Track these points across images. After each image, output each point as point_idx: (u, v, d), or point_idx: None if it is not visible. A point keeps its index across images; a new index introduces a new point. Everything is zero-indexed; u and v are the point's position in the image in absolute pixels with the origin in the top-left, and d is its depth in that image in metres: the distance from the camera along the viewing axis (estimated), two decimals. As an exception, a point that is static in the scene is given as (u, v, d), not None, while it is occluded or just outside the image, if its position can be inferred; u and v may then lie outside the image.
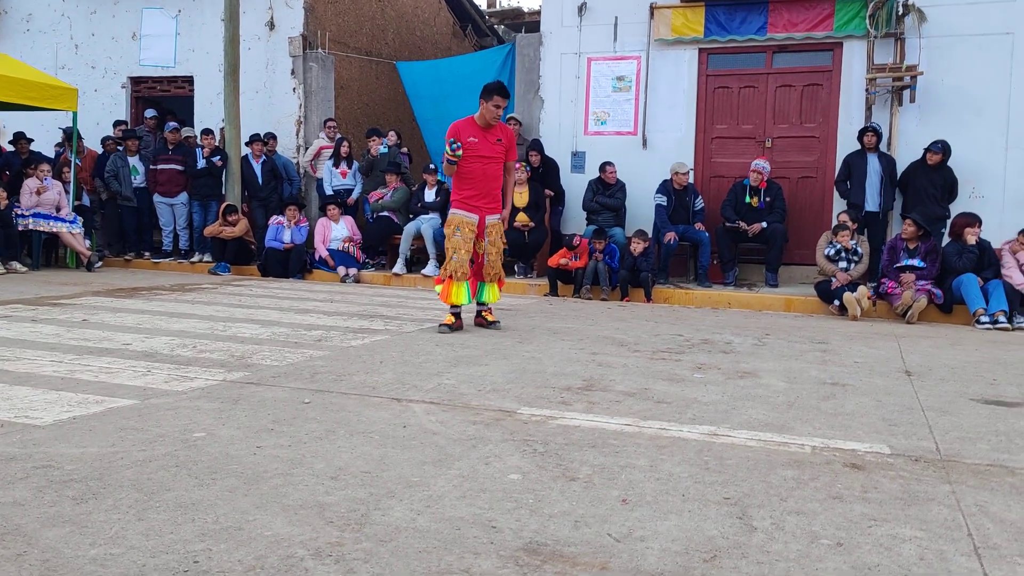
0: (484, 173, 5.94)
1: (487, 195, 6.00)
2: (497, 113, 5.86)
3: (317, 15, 11.95)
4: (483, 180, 5.95)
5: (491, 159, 5.96)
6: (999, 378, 4.77)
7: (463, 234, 5.89)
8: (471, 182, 5.94)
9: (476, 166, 5.92)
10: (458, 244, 5.88)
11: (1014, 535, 2.33)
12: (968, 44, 8.84)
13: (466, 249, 5.89)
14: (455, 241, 5.89)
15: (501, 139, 5.99)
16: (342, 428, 3.29)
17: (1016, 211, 8.64)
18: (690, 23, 9.80)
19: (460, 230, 5.90)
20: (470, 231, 5.92)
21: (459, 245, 5.88)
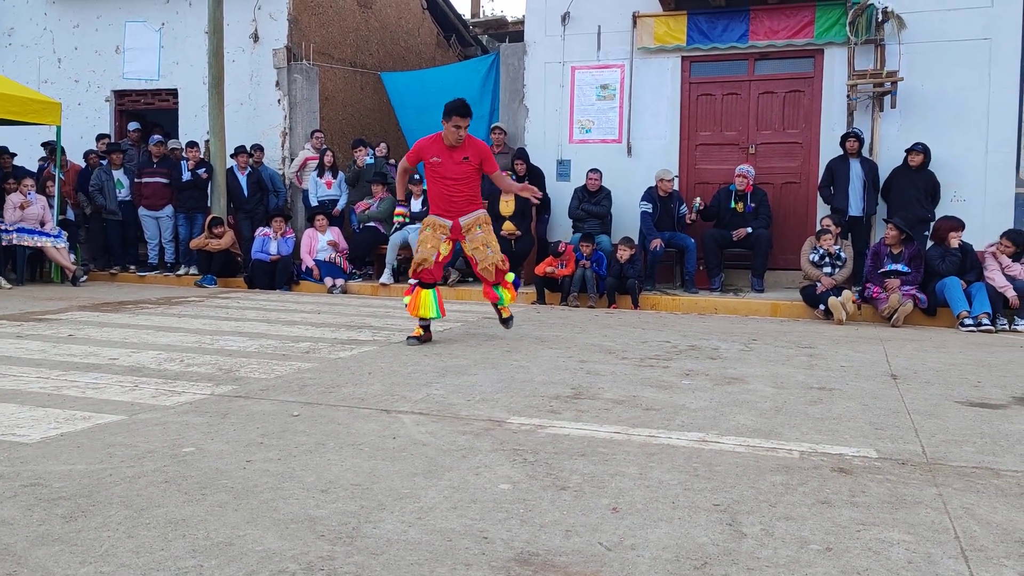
0: (449, 194, 5.81)
1: (456, 211, 5.87)
2: (459, 134, 5.66)
3: (301, 27, 11.95)
4: (448, 201, 5.83)
5: (456, 180, 5.79)
6: (983, 380, 4.82)
7: (432, 232, 5.84)
8: (436, 202, 5.89)
9: (440, 187, 5.82)
10: (426, 237, 5.82)
11: (1000, 537, 2.36)
12: (947, 50, 8.95)
13: (432, 244, 5.79)
14: (424, 235, 5.85)
15: (468, 157, 5.78)
16: (331, 441, 3.28)
17: (997, 213, 8.74)
18: (673, 31, 9.87)
19: (430, 228, 5.85)
20: (442, 231, 5.83)
21: (427, 238, 5.82)
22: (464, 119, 5.65)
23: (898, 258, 7.77)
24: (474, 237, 5.90)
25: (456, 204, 5.86)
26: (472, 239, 5.90)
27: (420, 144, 5.89)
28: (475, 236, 5.90)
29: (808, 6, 9.38)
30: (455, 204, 5.86)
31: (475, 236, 5.90)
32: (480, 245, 5.91)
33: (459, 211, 5.88)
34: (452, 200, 5.84)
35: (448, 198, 5.84)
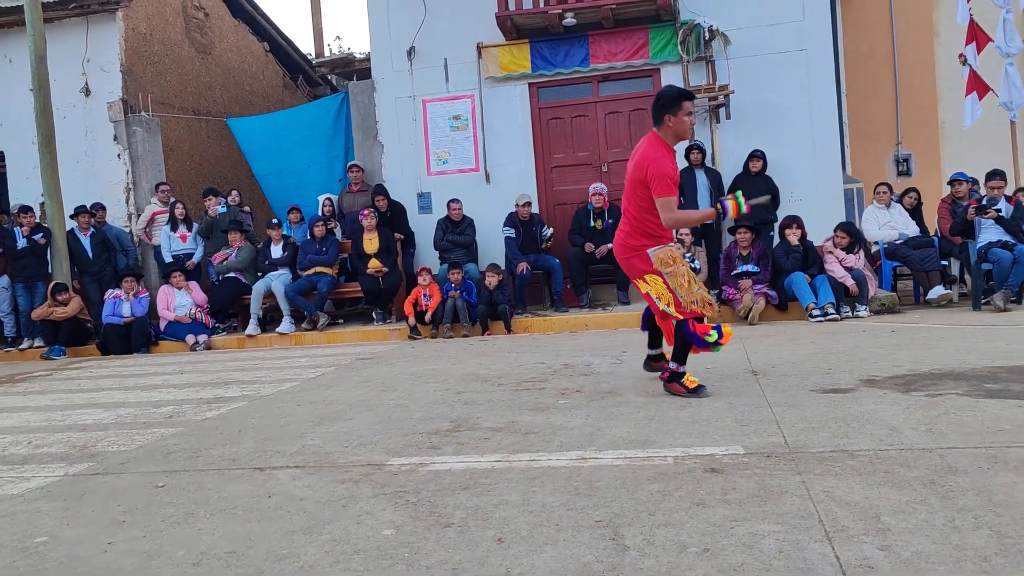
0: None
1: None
2: (692, 124, 4.61)
3: (136, 77, 11.46)
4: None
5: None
6: (833, 367, 5.14)
7: (681, 261, 4.60)
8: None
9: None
10: (691, 274, 4.60)
11: (859, 515, 2.51)
12: (770, 62, 9.60)
13: (693, 279, 4.61)
14: (683, 272, 4.52)
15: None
16: (201, 508, 3.12)
17: (831, 209, 9.40)
18: (517, 60, 10.12)
19: (678, 260, 4.57)
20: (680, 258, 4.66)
21: (692, 274, 4.61)
22: (694, 102, 4.69)
23: (747, 259, 8.21)
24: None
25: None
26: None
27: (672, 163, 4.46)
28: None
29: (641, 29, 9.86)
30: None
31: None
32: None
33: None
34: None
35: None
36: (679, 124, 4.46)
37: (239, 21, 14.22)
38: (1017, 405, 3.77)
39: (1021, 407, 3.73)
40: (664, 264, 4.48)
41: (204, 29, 13.22)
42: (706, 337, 4.45)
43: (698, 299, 4.47)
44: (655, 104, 4.52)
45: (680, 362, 4.57)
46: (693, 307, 4.45)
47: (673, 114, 4.44)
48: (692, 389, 4.51)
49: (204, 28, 13.22)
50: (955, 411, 3.74)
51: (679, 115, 4.43)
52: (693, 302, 4.46)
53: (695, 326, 4.46)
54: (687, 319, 4.46)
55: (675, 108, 4.44)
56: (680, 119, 4.44)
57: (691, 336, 4.48)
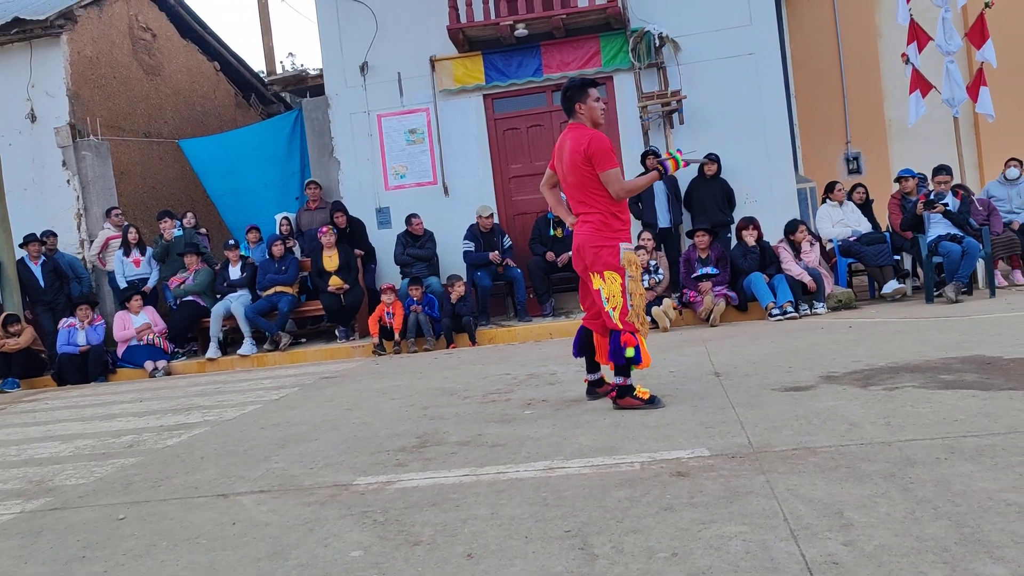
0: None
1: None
2: (603, 109, 4.57)
3: (83, 101, 11.26)
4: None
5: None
6: (794, 365, 5.22)
7: (637, 273, 4.50)
8: (627, 206, 4.63)
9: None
10: (643, 290, 4.56)
11: (822, 511, 2.54)
12: (720, 67, 9.75)
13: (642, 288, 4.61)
14: (640, 286, 4.50)
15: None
16: (164, 540, 3.05)
17: (785, 209, 9.56)
18: (471, 72, 10.15)
19: (635, 268, 4.48)
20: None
21: (643, 291, 4.59)
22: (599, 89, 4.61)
23: (706, 262, 8.31)
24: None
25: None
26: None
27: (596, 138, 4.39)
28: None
29: (592, 37, 9.95)
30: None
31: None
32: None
33: None
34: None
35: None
36: (591, 110, 4.48)
37: (188, 41, 14.07)
38: (971, 395, 3.86)
39: (975, 397, 3.81)
40: (629, 264, 4.42)
41: (152, 50, 13.05)
42: (625, 350, 4.34)
43: (640, 316, 4.44)
44: (564, 98, 4.53)
45: (625, 375, 4.43)
46: (635, 321, 4.41)
47: (583, 101, 4.47)
48: (647, 400, 4.41)
49: (152, 49, 13.05)
50: (912, 404, 3.81)
51: (588, 101, 4.46)
52: (637, 316, 4.42)
53: (624, 338, 4.36)
54: (623, 330, 4.38)
55: (583, 95, 4.47)
56: (590, 105, 4.47)
57: (614, 346, 4.39)
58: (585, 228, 4.50)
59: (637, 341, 4.36)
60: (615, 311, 4.38)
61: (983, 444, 3.06)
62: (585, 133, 4.41)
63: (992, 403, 3.66)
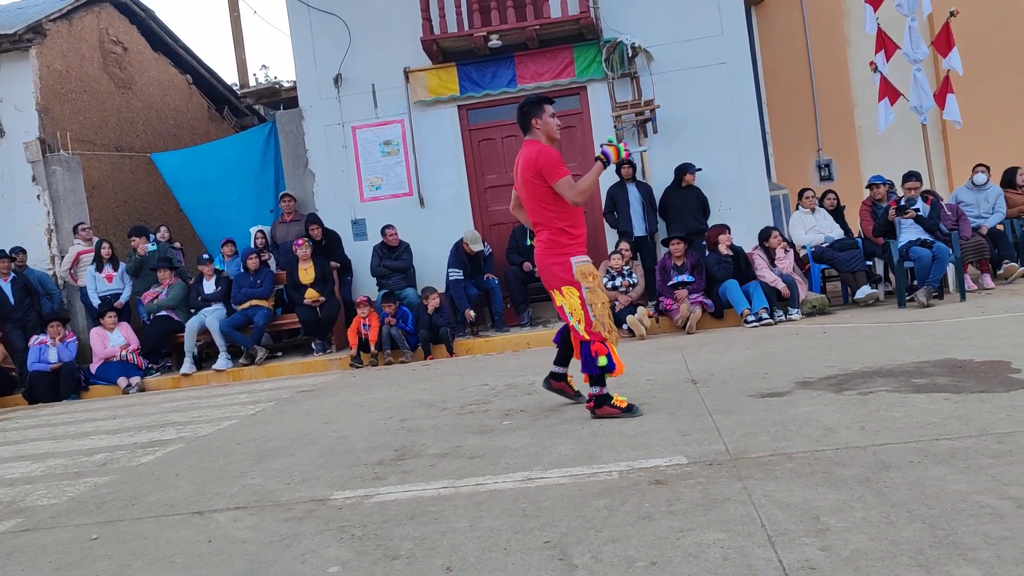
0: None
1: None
2: (558, 125, 4.69)
3: (53, 116, 11.13)
4: (583, 216, 4.69)
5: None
6: (769, 371, 5.25)
7: (598, 284, 4.55)
8: (580, 218, 4.63)
9: (581, 209, 4.64)
10: (605, 298, 4.56)
11: (799, 517, 2.56)
12: (692, 76, 9.83)
13: (605, 298, 4.61)
14: (601, 294, 4.52)
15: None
16: (138, 559, 3.01)
17: (759, 216, 9.63)
18: (445, 83, 10.15)
19: (594, 279, 4.52)
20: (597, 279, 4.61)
21: (606, 299, 4.58)
22: (554, 105, 4.70)
23: (682, 269, 8.36)
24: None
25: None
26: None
27: (546, 151, 4.49)
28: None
29: (566, 48, 10.00)
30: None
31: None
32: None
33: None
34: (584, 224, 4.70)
35: (584, 222, 4.68)
36: (546, 125, 4.58)
37: (159, 54, 13.96)
38: (943, 398, 3.91)
39: (947, 400, 3.86)
40: (584, 277, 4.45)
41: (123, 64, 12.93)
42: (597, 359, 4.38)
43: (606, 324, 4.46)
44: (520, 114, 4.65)
45: (600, 384, 4.46)
46: (601, 330, 4.43)
47: (539, 117, 4.58)
48: (625, 408, 4.43)
49: (123, 63, 12.93)
50: (886, 408, 3.85)
51: (544, 117, 4.58)
52: (603, 326, 4.44)
53: (594, 348, 4.40)
54: (592, 340, 4.41)
55: (539, 111, 4.59)
56: (546, 120, 4.58)
57: (585, 356, 4.43)
58: (538, 247, 4.61)
59: (608, 349, 4.39)
60: (580, 324, 4.44)
61: (955, 447, 3.10)
62: (534, 148, 4.51)
63: (964, 406, 3.71)
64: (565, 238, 4.49)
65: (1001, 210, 9.24)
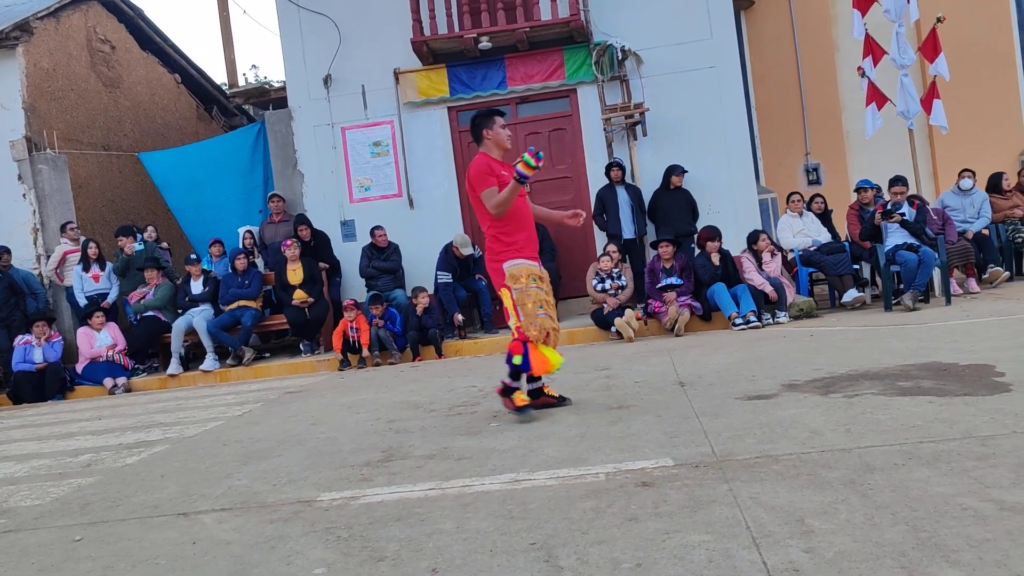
0: (527, 212, 4.80)
1: (534, 239, 4.83)
2: (509, 136, 4.84)
3: (39, 114, 11.06)
4: (529, 221, 4.80)
5: (524, 195, 4.82)
6: (757, 374, 5.27)
7: (541, 284, 4.69)
8: (521, 224, 4.73)
9: (519, 203, 4.71)
10: (540, 296, 4.65)
11: (783, 519, 2.57)
12: (682, 79, 9.87)
13: (550, 302, 4.74)
14: (535, 293, 4.62)
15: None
16: (122, 561, 2.99)
17: (747, 219, 9.68)
18: (435, 84, 10.15)
19: (536, 281, 4.67)
20: (541, 279, 4.73)
21: (542, 297, 4.67)
22: (505, 117, 4.88)
23: (671, 272, 8.38)
24: (550, 291, 4.88)
25: (533, 233, 4.84)
26: (549, 292, 4.86)
27: (484, 160, 4.67)
28: (550, 291, 4.89)
29: (556, 51, 10.02)
30: (533, 233, 4.83)
31: (550, 291, 4.89)
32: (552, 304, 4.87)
33: (535, 239, 4.86)
34: (532, 228, 4.82)
35: (529, 225, 4.78)
36: (496, 136, 4.77)
37: (148, 53, 13.90)
38: (928, 401, 3.93)
39: (932, 403, 3.89)
40: (513, 280, 4.65)
41: (111, 62, 12.87)
42: (512, 357, 4.64)
43: (537, 323, 4.60)
44: (472, 127, 4.84)
45: (514, 378, 4.74)
46: (531, 330, 4.60)
47: (489, 128, 4.77)
48: (519, 408, 4.64)
49: (111, 61, 12.87)
50: (871, 410, 3.87)
51: (494, 128, 4.77)
52: (532, 324, 4.60)
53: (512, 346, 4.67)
54: (517, 339, 4.66)
55: (489, 123, 4.78)
56: (496, 131, 4.77)
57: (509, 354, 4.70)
58: (484, 254, 4.90)
59: (524, 350, 4.62)
60: (512, 322, 4.73)
61: (939, 449, 3.12)
62: (472, 163, 4.71)
63: (948, 409, 3.74)
64: (498, 244, 4.72)
65: (987, 215, 9.32)
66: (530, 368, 4.65)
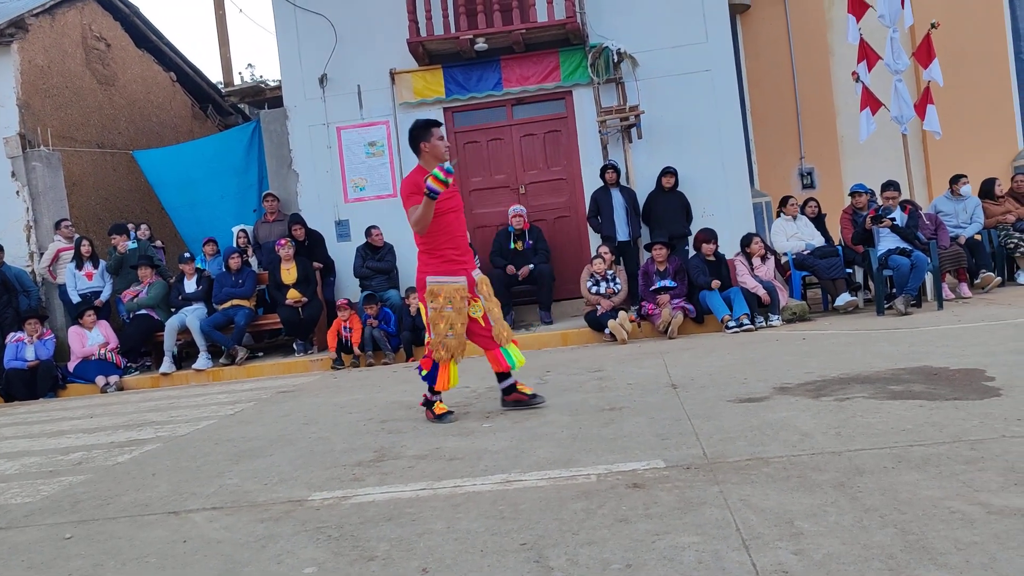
0: (458, 223, 4.94)
1: (465, 248, 4.98)
2: (446, 147, 4.94)
3: (34, 111, 11.03)
4: (459, 232, 4.94)
5: (458, 208, 4.96)
6: (749, 377, 5.29)
7: (456, 305, 4.82)
8: (449, 236, 4.86)
9: (449, 216, 4.84)
10: (452, 318, 4.82)
11: (773, 521, 2.58)
12: (677, 82, 9.89)
13: (462, 322, 4.88)
14: (448, 315, 4.81)
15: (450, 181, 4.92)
16: (112, 559, 2.99)
17: (742, 222, 9.70)
18: (431, 85, 10.16)
19: (452, 301, 4.81)
20: (462, 299, 4.85)
21: (454, 319, 4.83)
22: (442, 128, 5.04)
23: (664, 275, 8.39)
24: (489, 295, 5.04)
25: (464, 242, 4.99)
26: (488, 296, 5.02)
27: (411, 179, 4.78)
28: (489, 294, 5.04)
29: (552, 52, 10.03)
30: (464, 242, 4.98)
31: (489, 294, 5.04)
32: (495, 307, 5.06)
33: (469, 255, 5.02)
34: (462, 238, 4.96)
35: (458, 236, 4.92)
36: (434, 148, 4.86)
37: (143, 51, 13.88)
38: (918, 405, 3.95)
39: (922, 407, 3.91)
40: (432, 297, 4.85)
41: (106, 60, 12.84)
42: (420, 371, 4.99)
43: (445, 344, 4.84)
44: (409, 138, 4.95)
45: (430, 391, 5.00)
46: (439, 350, 4.85)
47: (427, 140, 4.87)
48: (438, 416, 4.93)
49: (106, 59, 12.84)
50: (862, 414, 3.89)
51: (432, 140, 4.86)
52: (440, 344, 4.84)
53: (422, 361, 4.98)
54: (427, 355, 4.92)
55: (427, 135, 4.87)
56: (433, 143, 4.86)
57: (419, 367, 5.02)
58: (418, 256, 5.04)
59: (430, 366, 4.90)
60: (426, 336, 4.95)
61: (929, 453, 3.14)
62: (403, 182, 4.86)
63: (938, 413, 3.75)
64: (425, 258, 4.89)
65: (979, 220, 9.36)
66: (436, 383, 4.91)
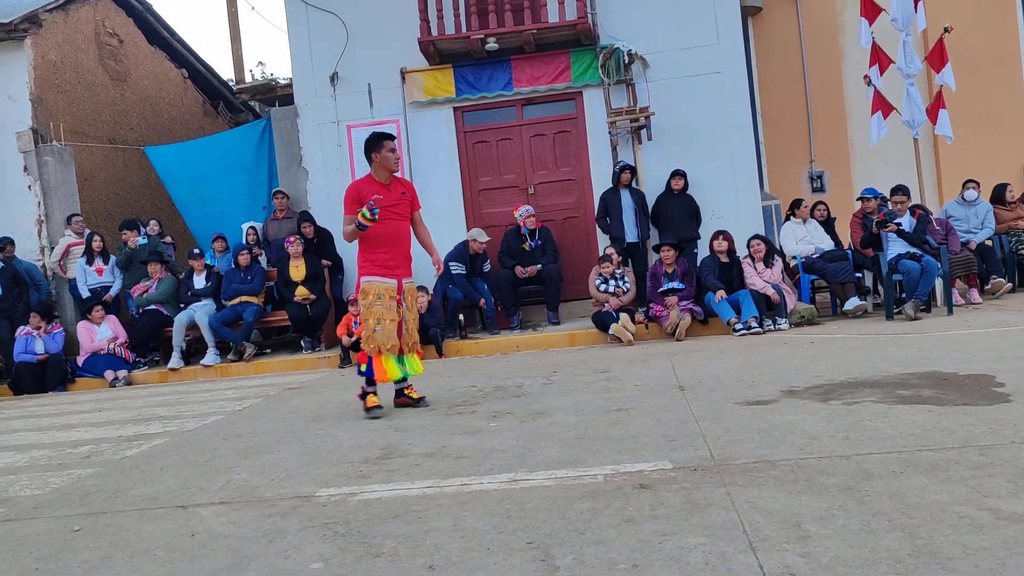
0: (397, 232, 5.31)
1: (401, 256, 5.35)
2: (396, 159, 5.28)
3: (46, 106, 11.09)
4: (396, 240, 5.31)
5: (401, 216, 5.33)
6: (756, 379, 5.28)
7: (385, 302, 5.23)
8: (384, 243, 5.26)
9: (388, 224, 5.22)
10: (381, 313, 5.22)
11: (780, 524, 2.58)
12: (688, 84, 9.88)
13: (391, 318, 5.24)
14: (377, 311, 5.21)
15: (405, 192, 5.41)
16: (120, 551, 3.00)
17: (749, 226, 9.65)
18: (441, 84, 10.17)
19: (381, 298, 5.23)
20: (391, 298, 5.25)
21: (382, 314, 5.22)
22: (394, 141, 5.35)
23: (672, 276, 8.38)
24: (411, 306, 5.45)
25: (401, 251, 5.34)
26: (410, 307, 5.43)
27: (356, 186, 5.27)
28: (411, 305, 5.45)
29: (563, 53, 10.03)
30: (401, 250, 5.34)
31: (411, 305, 5.45)
32: (412, 318, 5.45)
33: (404, 263, 5.38)
34: (400, 237, 5.32)
35: (395, 243, 5.29)
36: (384, 159, 5.25)
37: (155, 47, 13.93)
38: (927, 410, 3.94)
39: (931, 412, 3.89)
40: (363, 295, 5.28)
41: (119, 56, 12.90)
42: (359, 365, 5.37)
43: (374, 338, 5.23)
44: (364, 148, 5.32)
45: (365, 384, 5.36)
46: (368, 343, 5.25)
47: (378, 151, 5.24)
48: (367, 408, 5.30)
49: (119, 55, 12.90)
50: (870, 418, 3.88)
51: (383, 152, 5.24)
52: (369, 338, 5.24)
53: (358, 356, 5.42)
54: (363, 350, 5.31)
55: (378, 147, 5.25)
56: (384, 155, 5.24)
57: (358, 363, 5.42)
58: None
59: (367, 359, 5.28)
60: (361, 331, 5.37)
61: (937, 458, 3.13)
62: (350, 184, 5.37)
63: (947, 418, 3.74)
64: (361, 260, 5.33)
65: (990, 226, 9.32)
66: (373, 375, 5.27)
